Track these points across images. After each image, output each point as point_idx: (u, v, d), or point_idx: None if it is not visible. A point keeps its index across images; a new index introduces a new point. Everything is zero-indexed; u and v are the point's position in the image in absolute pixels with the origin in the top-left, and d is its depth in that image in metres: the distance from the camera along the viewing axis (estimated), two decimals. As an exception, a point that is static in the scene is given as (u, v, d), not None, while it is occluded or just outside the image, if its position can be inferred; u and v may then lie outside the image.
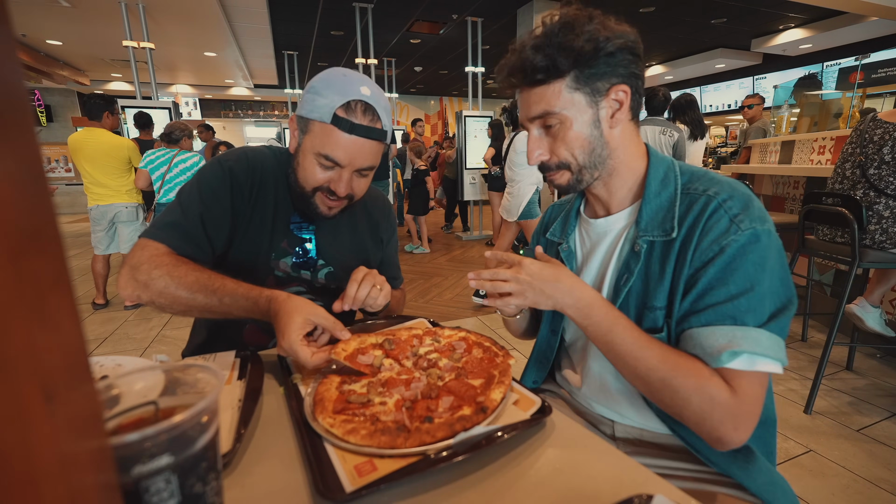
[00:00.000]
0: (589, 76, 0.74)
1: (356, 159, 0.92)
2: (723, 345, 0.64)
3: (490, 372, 0.71)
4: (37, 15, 6.25)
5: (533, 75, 0.75)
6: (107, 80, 11.29)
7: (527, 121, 0.80)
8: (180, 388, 0.43)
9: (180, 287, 0.84)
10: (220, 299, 0.84)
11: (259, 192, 1.00)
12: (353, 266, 1.11)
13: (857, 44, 7.84)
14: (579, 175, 0.80)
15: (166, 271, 0.84)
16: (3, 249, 0.17)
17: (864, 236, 2.08)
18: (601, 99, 0.76)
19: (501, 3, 6.25)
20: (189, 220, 0.92)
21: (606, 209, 0.86)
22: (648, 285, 0.75)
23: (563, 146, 0.78)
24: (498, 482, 0.54)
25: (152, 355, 0.87)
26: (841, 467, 1.73)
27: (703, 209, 0.72)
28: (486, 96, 14.14)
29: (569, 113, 0.75)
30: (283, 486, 0.54)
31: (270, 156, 1.05)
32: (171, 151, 3.50)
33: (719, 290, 0.67)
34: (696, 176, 0.78)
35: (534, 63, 0.74)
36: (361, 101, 0.89)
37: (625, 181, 0.82)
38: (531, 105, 0.78)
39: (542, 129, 0.79)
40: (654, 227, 0.76)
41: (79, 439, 0.21)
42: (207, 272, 0.87)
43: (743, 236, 0.67)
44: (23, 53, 7.61)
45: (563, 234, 0.94)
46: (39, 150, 0.20)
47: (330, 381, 0.70)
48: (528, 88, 0.77)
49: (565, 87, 0.74)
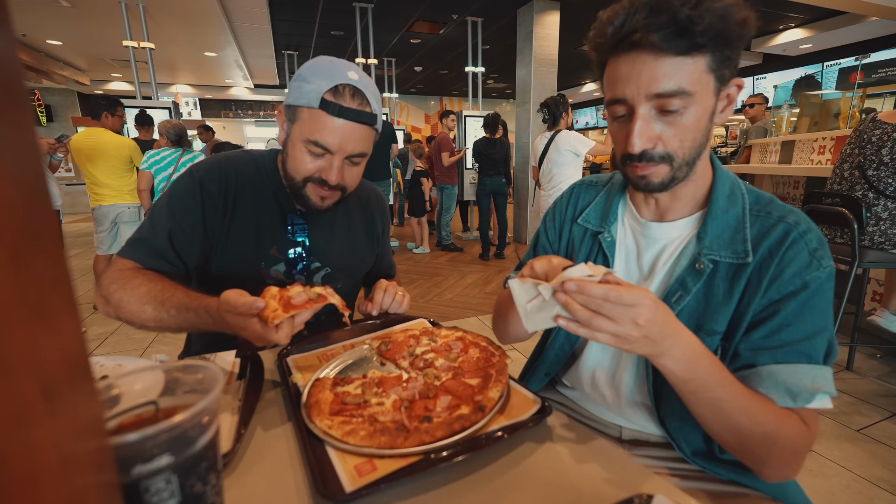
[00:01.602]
0: (724, 60, 0.63)
1: (346, 144, 0.89)
2: (808, 385, 0.62)
3: (487, 371, 0.71)
4: (37, 15, 6.25)
5: (682, 38, 0.59)
6: (107, 80, 11.27)
7: (644, 97, 0.63)
8: (180, 388, 0.43)
9: (132, 299, 0.83)
10: (168, 311, 0.81)
11: (237, 202, 0.97)
12: (349, 266, 1.10)
13: (857, 44, 7.83)
14: (677, 172, 0.69)
15: (121, 285, 0.84)
16: (3, 249, 0.17)
17: (862, 237, 2.08)
18: (723, 89, 0.66)
19: (501, 3, 6.25)
20: (157, 236, 0.91)
21: (660, 214, 0.79)
22: (708, 307, 0.71)
23: (678, 135, 0.65)
24: (498, 482, 0.54)
25: (152, 355, 0.87)
26: (841, 467, 1.73)
27: (783, 238, 0.67)
28: (486, 96, 14.16)
29: (700, 97, 0.63)
30: (283, 486, 0.54)
31: (248, 161, 1.01)
32: (177, 152, 3.49)
33: (797, 327, 0.65)
34: (762, 198, 0.73)
35: (693, 25, 0.58)
36: (350, 85, 0.87)
37: (696, 189, 0.75)
38: (659, 77, 0.61)
39: (658, 111, 0.65)
40: (722, 247, 0.71)
41: (79, 439, 0.21)
42: (163, 284, 0.85)
43: (824, 273, 0.65)
44: (23, 53, 7.60)
45: (602, 223, 0.85)
46: (40, 151, 0.20)
47: (322, 384, 0.69)
48: (660, 56, 0.61)
49: (705, 63, 0.62)
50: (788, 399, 0.63)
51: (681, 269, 0.73)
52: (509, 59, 6.93)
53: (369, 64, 6.94)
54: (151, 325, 0.84)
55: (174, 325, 0.83)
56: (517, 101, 6.50)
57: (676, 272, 0.74)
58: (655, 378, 0.76)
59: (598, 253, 0.86)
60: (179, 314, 0.81)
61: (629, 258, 0.82)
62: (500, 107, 15.30)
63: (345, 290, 1.10)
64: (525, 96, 6.26)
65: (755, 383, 0.66)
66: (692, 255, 0.73)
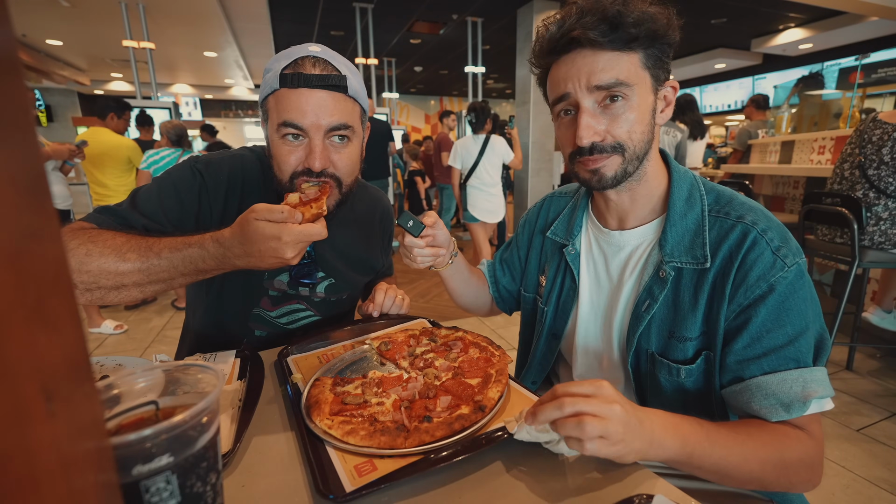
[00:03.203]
0: (657, 60, 0.68)
1: (319, 117, 0.79)
2: (798, 392, 0.62)
3: (487, 371, 0.71)
4: (37, 15, 6.25)
5: (616, 32, 0.64)
6: (107, 80, 11.28)
7: (585, 90, 0.67)
8: (180, 388, 0.43)
9: (106, 251, 0.68)
10: (159, 255, 0.69)
11: (243, 202, 0.89)
12: (354, 276, 1.07)
13: (857, 44, 7.84)
14: (628, 165, 0.70)
15: (86, 239, 0.69)
16: (3, 249, 0.17)
17: (862, 237, 2.08)
18: (659, 89, 0.70)
19: (501, 3, 6.25)
20: (136, 209, 0.81)
21: (621, 222, 0.79)
22: (677, 314, 0.71)
23: (623, 125, 0.68)
24: (498, 482, 0.54)
25: (152, 355, 0.87)
26: (841, 467, 1.73)
27: (742, 239, 0.67)
28: (486, 96, 14.15)
29: (639, 90, 0.67)
30: (283, 486, 0.54)
31: (253, 160, 0.94)
32: (176, 152, 3.49)
33: (777, 332, 0.64)
34: (722, 197, 0.73)
35: (623, 18, 0.63)
36: (309, 56, 0.80)
37: (650, 192, 0.76)
38: (597, 71, 0.66)
39: (599, 104, 0.68)
40: (682, 253, 0.71)
41: (79, 439, 0.21)
42: (144, 235, 0.73)
43: (790, 273, 0.64)
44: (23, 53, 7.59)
45: (567, 235, 0.88)
46: (40, 151, 0.20)
47: (322, 384, 0.69)
48: (598, 51, 0.66)
49: (639, 60, 0.67)
50: (782, 411, 0.62)
51: (647, 278, 0.74)
52: (509, 59, 6.92)
53: (369, 64, 6.94)
54: (133, 278, 0.69)
55: (166, 269, 0.70)
56: (517, 101, 6.50)
57: (644, 281, 0.74)
58: (640, 390, 0.77)
59: (564, 266, 0.87)
60: (174, 254, 0.70)
61: (597, 268, 0.83)
62: (501, 107, 15.29)
63: (351, 299, 1.09)
64: (525, 96, 6.26)
65: (747, 399, 0.65)
66: (656, 263, 0.73)
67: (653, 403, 0.75)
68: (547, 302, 0.90)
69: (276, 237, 0.65)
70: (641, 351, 0.75)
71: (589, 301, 0.84)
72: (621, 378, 0.80)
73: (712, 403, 0.72)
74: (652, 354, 0.74)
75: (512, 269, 1.04)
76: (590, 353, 0.85)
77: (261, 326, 0.99)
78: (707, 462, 0.58)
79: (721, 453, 0.59)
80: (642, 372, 0.76)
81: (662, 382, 0.74)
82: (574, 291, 0.85)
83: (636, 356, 0.76)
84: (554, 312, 0.89)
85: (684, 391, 0.73)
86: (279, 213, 0.65)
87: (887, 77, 7.45)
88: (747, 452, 0.60)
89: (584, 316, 0.84)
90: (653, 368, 0.74)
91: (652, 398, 0.76)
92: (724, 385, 0.69)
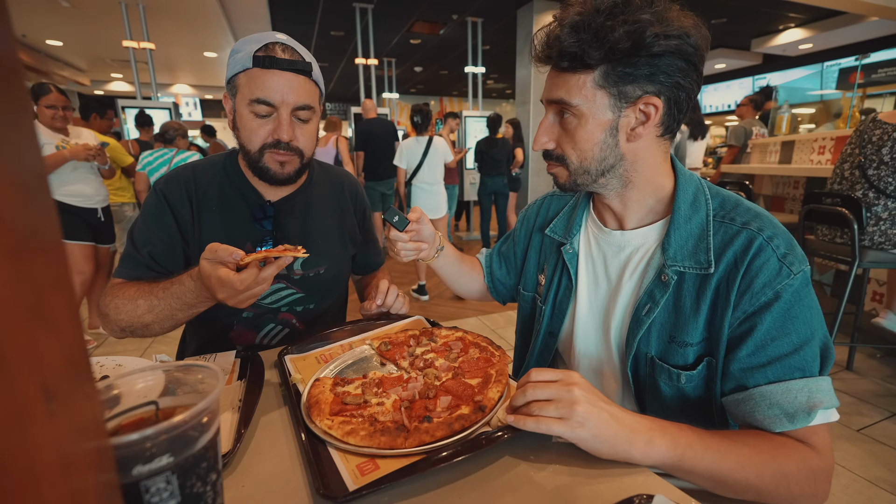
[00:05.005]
0: (621, 75, 0.65)
1: (288, 96, 0.90)
2: (803, 403, 0.61)
3: (487, 371, 0.71)
4: (37, 15, 6.25)
5: (560, 60, 0.68)
6: (107, 81, 11.27)
7: (545, 101, 0.74)
8: (180, 388, 0.43)
9: (125, 301, 0.87)
10: (156, 295, 0.84)
11: (201, 207, 0.99)
12: (329, 248, 1.10)
13: (857, 44, 7.84)
14: (577, 178, 0.74)
15: (114, 295, 0.89)
16: (3, 249, 0.17)
17: (862, 237, 2.08)
18: (626, 106, 0.67)
19: (501, 3, 6.25)
20: (139, 253, 0.96)
21: (619, 222, 0.80)
22: (678, 319, 0.70)
23: (569, 142, 0.72)
24: (498, 482, 0.54)
25: (152, 355, 0.87)
26: (841, 467, 1.73)
27: (748, 246, 0.66)
28: (486, 96, 14.16)
29: (586, 109, 0.68)
30: (283, 486, 0.54)
31: (210, 165, 1.04)
32: (170, 151, 3.51)
33: (782, 340, 0.63)
34: (727, 202, 0.72)
35: (562, 46, 0.66)
36: (279, 42, 0.90)
37: (644, 196, 0.75)
38: (552, 88, 0.71)
39: (557, 116, 0.73)
40: (686, 257, 0.70)
41: (79, 439, 0.21)
42: (149, 282, 0.90)
43: (796, 280, 0.63)
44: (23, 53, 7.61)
45: (566, 234, 0.88)
46: (40, 151, 0.20)
47: (322, 384, 0.70)
48: (555, 70, 0.71)
49: (591, 80, 0.66)
50: (786, 422, 0.61)
51: (648, 281, 0.73)
52: (509, 59, 6.93)
53: (369, 64, 6.94)
54: (148, 318, 0.85)
55: (165, 308, 0.84)
56: (517, 101, 6.50)
57: (645, 284, 0.74)
58: (639, 395, 0.77)
59: (561, 265, 0.87)
60: (166, 293, 0.84)
61: (596, 268, 0.83)
62: (500, 107, 15.29)
63: (330, 275, 1.09)
64: (525, 96, 6.25)
65: (750, 408, 0.64)
66: (658, 267, 0.73)
67: (652, 409, 0.75)
68: (545, 301, 0.90)
69: (216, 279, 0.71)
70: (641, 355, 0.74)
71: (587, 300, 0.84)
72: (619, 379, 0.80)
73: (712, 411, 0.71)
74: (652, 359, 0.73)
75: (508, 262, 1.05)
76: (587, 353, 0.85)
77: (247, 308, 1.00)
78: (699, 466, 0.58)
79: (713, 458, 0.58)
80: (641, 376, 0.76)
81: (662, 388, 0.73)
82: (571, 291, 0.85)
83: (635, 360, 0.75)
84: (551, 311, 0.89)
85: (684, 397, 0.72)
86: (220, 251, 0.71)
87: (887, 77, 7.46)
88: (742, 459, 0.59)
89: (582, 315, 0.84)
90: (652, 373, 0.74)
91: (651, 404, 0.76)
92: (725, 393, 0.68)
